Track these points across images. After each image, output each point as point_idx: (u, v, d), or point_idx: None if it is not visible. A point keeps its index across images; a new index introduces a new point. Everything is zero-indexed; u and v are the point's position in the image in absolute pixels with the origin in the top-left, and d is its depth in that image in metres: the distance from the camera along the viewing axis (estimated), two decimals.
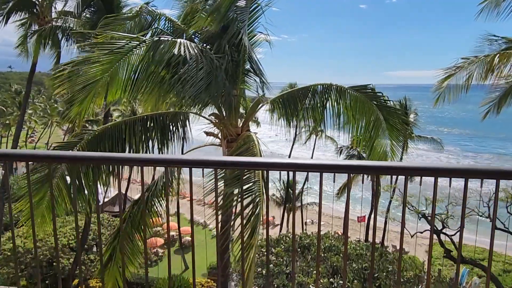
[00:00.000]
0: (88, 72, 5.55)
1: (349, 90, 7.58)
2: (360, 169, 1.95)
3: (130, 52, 5.60)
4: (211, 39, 7.38)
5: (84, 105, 5.76)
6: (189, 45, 5.93)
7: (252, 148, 6.49)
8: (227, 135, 7.41)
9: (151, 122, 7.03)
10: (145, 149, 7.00)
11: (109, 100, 6.24)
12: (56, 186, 6.26)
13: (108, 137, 6.65)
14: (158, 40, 5.65)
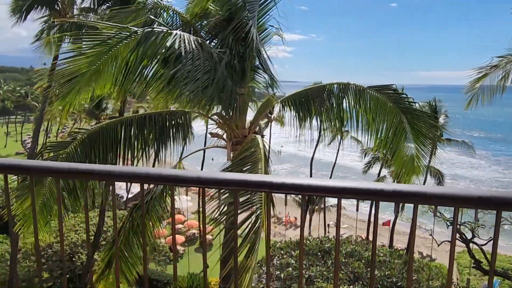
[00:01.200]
0: (72, 65, 5.05)
1: (368, 90, 6.81)
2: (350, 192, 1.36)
3: (119, 44, 5.04)
4: (216, 30, 6.77)
5: (68, 100, 5.30)
6: (186, 38, 5.30)
7: (256, 154, 5.83)
8: (232, 137, 6.78)
9: (149, 121, 6.49)
10: (141, 150, 6.47)
11: (97, 94, 5.75)
12: (49, 189, 5.83)
13: (102, 137, 6.16)
14: (150, 32, 5.04)
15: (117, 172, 1.70)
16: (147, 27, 5.12)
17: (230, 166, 5.97)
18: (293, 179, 1.46)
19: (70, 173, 1.83)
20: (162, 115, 6.61)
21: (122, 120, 6.39)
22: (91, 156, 6.09)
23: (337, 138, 36.09)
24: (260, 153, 5.80)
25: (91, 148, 6.09)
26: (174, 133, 6.79)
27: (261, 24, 7.12)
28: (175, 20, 7.13)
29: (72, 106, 5.47)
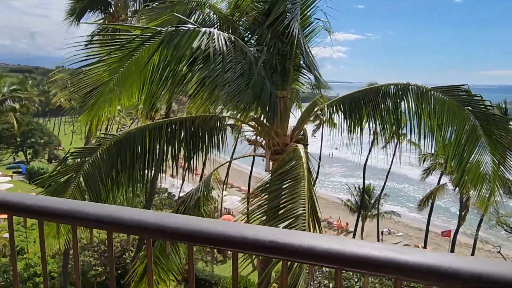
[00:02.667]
0: (94, 73, 4.57)
1: (433, 92, 5.74)
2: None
3: (141, 47, 4.48)
4: (254, 26, 6.06)
5: (94, 112, 4.87)
6: (216, 36, 4.61)
7: (297, 168, 5.06)
8: (271, 145, 6.04)
9: (180, 127, 5.94)
10: (170, 158, 5.94)
11: (125, 105, 5.26)
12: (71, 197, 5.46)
13: (129, 144, 5.70)
14: (174, 31, 4.40)
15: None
16: (171, 26, 4.49)
17: (268, 183, 5.25)
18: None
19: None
20: (194, 121, 6.03)
21: (150, 125, 5.90)
22: (117, 165, 5.66)
23: (392, 142, 33.86)
24: (302, 167, 5.01)
25: (117, 155, 5.65)
26: (207, 140, 6.18)
27: (305, 18, 6.31)
28: (211, 16, 6.51)
29: (100, 120, 5.05)
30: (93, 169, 5.50)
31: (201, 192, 6.57)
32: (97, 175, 5.49)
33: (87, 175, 5.47)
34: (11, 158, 61.63)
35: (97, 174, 5.49)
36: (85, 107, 4.87)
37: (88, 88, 4.73)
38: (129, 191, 5.74)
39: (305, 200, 4.68)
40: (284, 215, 4.65)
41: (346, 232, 42.90)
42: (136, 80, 4.75)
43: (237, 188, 54.98)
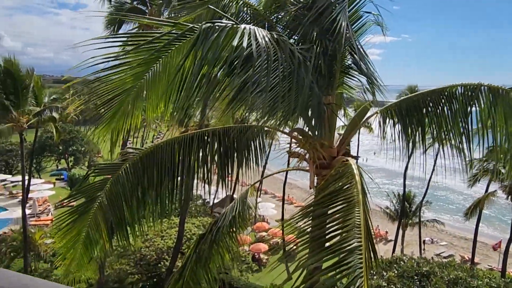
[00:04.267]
0: (112, 78, 3.97)
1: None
2: None
3: (170, 47, 3.85)
4: (295, 23, 5.33)
5: (114, 125, 4.31)
6: (258, 34, 3.90)
7: (350, 189, 4.24)
8: (316, 158, 5.26)
9: (212, 139, 5.29)
10: (203, 173, 5.28)
11: (150, 116, 4.65)
12: (94, 219, 4.93)
13: (157, 159, 5.11)
14: (209, 28, 3.71)
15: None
16: (206, 22, 3.81)
17: (314, 206, 4.44)
18: None
19: None
20: (229, 131, 5.37)
21: (179, 138, 5.29)
22: (144, 182, 5.08)
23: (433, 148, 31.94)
24: (356, 187, 4.19)
25: (143, 171, 5.08)
26: (243, 153, 5.50)
27: (354, 11, 5.53)
28: (245, 13, 5.82)
29: (120, 133, 4.48)
30: (116, 187, 4.95)
31: (236, 211, 5.91)
32: (121, 193, 4.95)
33: (110, 194, 4.94)
34: (54, 166, 63.98)
35: (121, 193, 4.94)
36: (103, 118, 4.30)
37: (108, 95, 4.14)
38: (157, 210, 5.13)
39: (360, 230, 3.85)
40: (333, 249, 3.81)
41: (385, 240, 41.08)
42: (164, 86, 4.13)
43: (271, 194, 54.21)
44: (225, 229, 6.01)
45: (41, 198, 40.77)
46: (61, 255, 5.15)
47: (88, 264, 5.08)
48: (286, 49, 4.05)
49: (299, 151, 5.68)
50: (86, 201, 5.05)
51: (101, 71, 3.81)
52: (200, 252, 6.19)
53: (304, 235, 4.33)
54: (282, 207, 38.45)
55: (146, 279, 25.69)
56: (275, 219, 43.19)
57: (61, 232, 5.05)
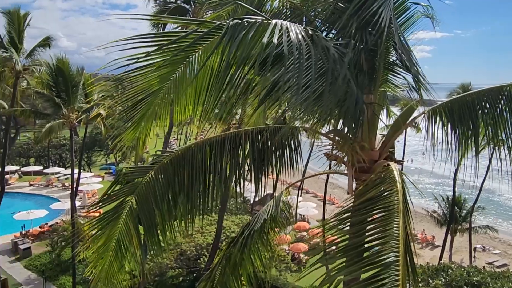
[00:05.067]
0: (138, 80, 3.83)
1: None
2: None
3: (198, 45, 3.64)
4: (334, 17, 4.96)
5: (142, 129, 4.19)
6: (291, 29, 3.61)
7: (390, 197, 3.85)
8: (355, 161, 4.89)
9: (245, 140, 5.06)
10: (237, 176, 5.06)
11: (177, 119, 4.48)
12: (124, 226, 4.85)
13: (187, 162, 4.96)
14: (238, 25, 3.44)
15: None
16: (234, 18, 3.56)
17: (352, 212, 4.11)
18: None
19: None
20: (262, 132, 5.12)
21: (211, 139, 5.10)
22: (174, 185, 4.95)
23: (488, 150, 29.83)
24: (396, 195, 3.80)
25: (174, 174, 4.95)
26: (276, 154, 5.22)
27: (400, 2, 5.07)
28: (283, 8, 5.52)
29: (148, 136, 4.36)
30: (146, 191, 4.86)
31: (269, 213, 5.66)
32: (151, 197, 4.84)
33: (140, 198, 4.85)
34: (104, 160, 67.04)
35: (151, 197, 4.84)
36: (130, 122, 4.19)
37: (135, 98, 4.01)
38: (187, 215, 4.98)
39: (398, 243, 3.48)
40: (370, 260, 3.48)
41: (432, 246, 39.18)
42: (192, 88, 3.94)
43: (313, 194, 53.48)
44: (257, 233, 5.77)
45: (90, 191, 42.73)
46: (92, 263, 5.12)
47: (118, 272, 5.01)
48: (320, 45, 3.73)
49: (338, 153, 5.32)
50: (116, 206, 5.00)
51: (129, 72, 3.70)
52: (230, 257, 6.00)
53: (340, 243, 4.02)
54: (323, 208, 37.74)
55: (186, 273, 26.16)
56: (316, 219, 42.51)
57: (92, 238, 5.03)
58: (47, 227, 33.85)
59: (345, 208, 4.36)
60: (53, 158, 59.48)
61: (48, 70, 22.20)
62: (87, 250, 5.27)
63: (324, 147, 5.52)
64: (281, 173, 5.20)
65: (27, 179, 50.22)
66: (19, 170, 53.05)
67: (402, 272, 3.23)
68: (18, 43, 22.27)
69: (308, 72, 3.59)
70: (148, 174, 4.94)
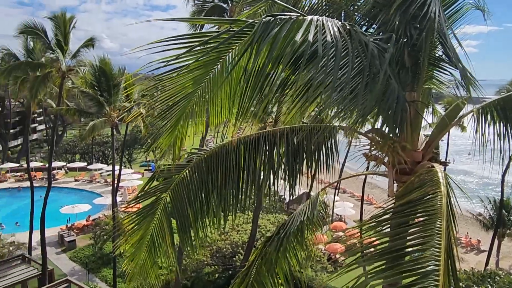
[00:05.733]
0: (172, 83, 3.79)
1: None
2: None
3: (229, 46, 3.56)
4: (375, 11, 4.72)
5: (177, 134, 4.16)
6: (327, 25, 3.44)
7: (432, 200, 3.61)
8: (396, 162, 4.65)
9: (280, 140, 4.94)
10: (272, 177, 4.95)
11: (213, 123, 4.42)
12: (158, 222, 4.89)
13: (221, 160, 4.91)
14: (270, 22, 3.31)
15: None
16: (266, 15, 3.44)
17: (391, 214, 3.90)
18: None
19: None
20: (298, 132, 4.98)
21: (245, 138, 5.03)
22: (208, 183, 4.92)
23: None
24: (440, 199, 3.56)
25: (208, 173, 4.92)
26: (313, 154, 5.07)
27: None
28: (320, 2, 5.33)
29: (184, 138, 4.33)
30: (180, 189, 4.87)
31: (305, 215, 5.52)
32: (185, 195, 4.85)
33: (174, 196, 4.86)
34: (144, 157, 69.11)
35: (185, 195, 4.85)
36: (166, 127, 4.17)
37: (169, 101, 3.99)
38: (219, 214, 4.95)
39: (440, 251, 3.25)
40: (408, 266, 3.28)
41: (477, 250, 37.31)
42: (226, 88, 3.87)
43: (350, 193, 52.46)
44: (293, 234, 5.65)
45: (130, 187, 44.14)
46: (128, 257, 5.21)
47: (151, 268, 5.07)
48: (358, 40, 3.54)
49: (378, 154, 5.09)
50: (151, 202, 5.05)
51: (164, 75, 3.68)
52: (266, 256, 5.93)
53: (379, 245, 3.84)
54: (360, 208, 36.92)
55: (221, 270, 26.43)
56: (353, 219, 41.65)
57: (129, 233, 5.11)
58: (90, 221, 35.34)
59: (384, 209, 4.15)
60: (96, 155, 62.01)
61: (91, 71, 23.10)
62: (125, 244, 5.37)
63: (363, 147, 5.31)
64: (318, 173, 5.03)
65: (72, 174, 52.66)
66: (65, 166, 55.73)
67: (442, 283, 3.02)
68: (64, 44, 23.29)
69: (345, 69, 3.43)
70: (182, 172, 4.95)
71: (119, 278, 25.37)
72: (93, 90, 23.29)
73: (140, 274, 5.13)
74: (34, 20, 22.79)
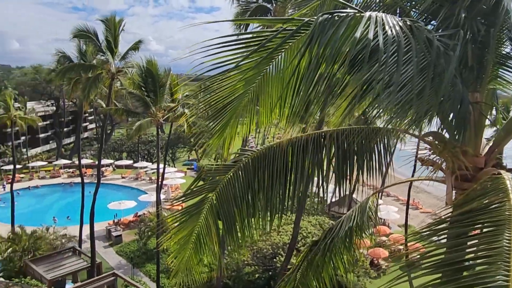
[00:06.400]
0: (224, 85, 3.73)
1: None
2: None
3: (284, 45, 3.45)
4: (434, 6, 4.41)
5: (226, 135, 4.10)
6: (387, 21, 3.25)
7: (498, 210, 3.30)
8: (456, 168, 4.32)
9: (330, 142, 4.75)
10: (320, 180, 4.78)
11: (263, 124, 4.31)
12: (205, 221, 4.88)
13: (268, 162, 4.80)
14: (327, 20, 3.18)
15: None
16: (323, 13, 3.30)
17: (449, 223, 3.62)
18: None
19: None
20: (348, 133, 4.76)
21: (293, 140, 4.88)
22: (254, 184, 4.84)
23: None
24: (508, 209, 3.25)
25: (254, 174, 4.83)
26: (365, 156, 4.84)
27: None
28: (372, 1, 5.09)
29: (233, 140, 4.27)
30: (227, 189, 4.82)
31: (354, 221, 5.30)
32: (231, 196, 4.80)
33: (220, 196, 4.83)
34: (186, 156, 70.74)
35: (231, 196, 4.80)
36: (215, 128, 4.13)
37: (219, 103, 3.94)
38: (267, 216, 4.85)
39: (509, 264, 2.94)
40: (471, 280, 2.99)
41: None
42: (278, 90, 3.76)
43: (394, 197, 50.73)
44: (341, 240, 5.45)
45: (173, 185, 45.25)
46: (173, 253, 5.25)
47: (196, 266, 5.07)
48: (421, 37, 3.30)
49: (434, 158, 4.78)
50: (197, 201, 5.05)
51: (214, 77, 3.63)
52: (312, 260, 5.78)
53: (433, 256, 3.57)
54: (406, 212, 35.55)
55: (261, 271, 26.41)
56: (397, 224, 40.24)
57: (174, 230, 5.15)
58: (135, 217, 36.62)
59: (440, 218, 3.87)
60: (142, 153, 64.22)
61: (139, 72, 23.89)
62: (169, 240, 5.43)
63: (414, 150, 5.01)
64: (368, 177, 4.81)
65: (119, 172, 54.85)
66: (113, 164, 58.16)
67: None
68: (114, 47, 24.26)
69: (406, 68, 3.22)
70: (229, 173, 4.91)
71: (162, 274, 26.04)
72: (140, 90, 24.05)
73: (184, 271, 5.16)
74: (87, 24, 23.96)
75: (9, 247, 24.81)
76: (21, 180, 49.92)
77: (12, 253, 24.63)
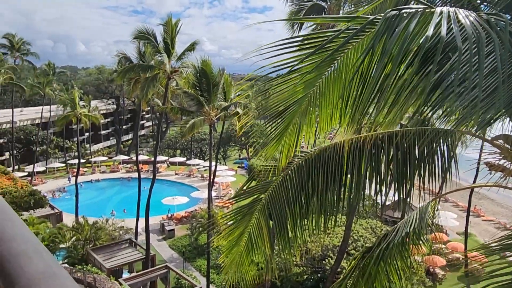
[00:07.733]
0: (282, 88, 3.65)
1: None
2: None
3: (347, 46, 3.34)
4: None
5: (285, 142, 4.02)
6: (461, 16, 3.00)
7: None
8: None
9: (388, 144, 4.52)
10: (378, 185, 4.56)
11: (323, 129, 4.16)
12: (257, 222, 4.85)
13: (322, 164, 4.66)
14: (395, 17, 2.98)
15: None
16: (391, 10, 3.12)
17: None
18: None
19: None
20: (408, 135, 4.49)
21: (349, 141, 4.67)
22: (308, 186, 4.72)
23: None
24: None
25: (308, 176, 4.72)
26: (426, 160, 4.55)
27: None
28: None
29: (292, 147, 4.17)
30: (279, 190, 4.76)
31: (412, 227, 5.02)
32: (284, 198, 4.72)
33: (273, 197, 4.77)
34: (237, 155, 71.72)
35: (284, 197, 4.72)
36: (273, 134, 4.06)
37: (278, 108, 3.86)
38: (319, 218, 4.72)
39: None
40: None
41: None
42: (338, 93, 3.61)
43: (453, 203, 47.92)
44: (396, 247, 5.19)
45: (224, 183, 46.03)
46: (224, 253, 5.29)
47: (248, 266, 5.07)
48: (506, 32, 3.02)
49: (504, 164, 4.40)
50: (250, 202, 5.04)
51: (270, 80, 3.57)
52: (364, 268, 5.56)
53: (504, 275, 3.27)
54: (466, 220, 33.45)
55: (310, 272, 26.08)
56: (456, 231, 38.01)
57: (227, 230, 5.18)
58: (188, 213, 37.73)
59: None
60: (194, 151, 66.04)
61: (193, 71, 24.54)
62: (221, 239, 5.48)
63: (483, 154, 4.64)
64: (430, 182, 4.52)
65: (173, 168, 56.81)
66: (168, 160, 60.36)
67: None
68: (171, 48, 25.12)
69: (490, 65, 2.97)
70: (282, 174, 4.84)
71: (212, 269, 26.58)
72: (194, 90, 24.69)
73: (234, 269, 5.18)
74: (146, 26, 25.02)
75: (73, 235, 26.61)
76: (85, 173, 53.32)
77: (76, 242, 26.40)
